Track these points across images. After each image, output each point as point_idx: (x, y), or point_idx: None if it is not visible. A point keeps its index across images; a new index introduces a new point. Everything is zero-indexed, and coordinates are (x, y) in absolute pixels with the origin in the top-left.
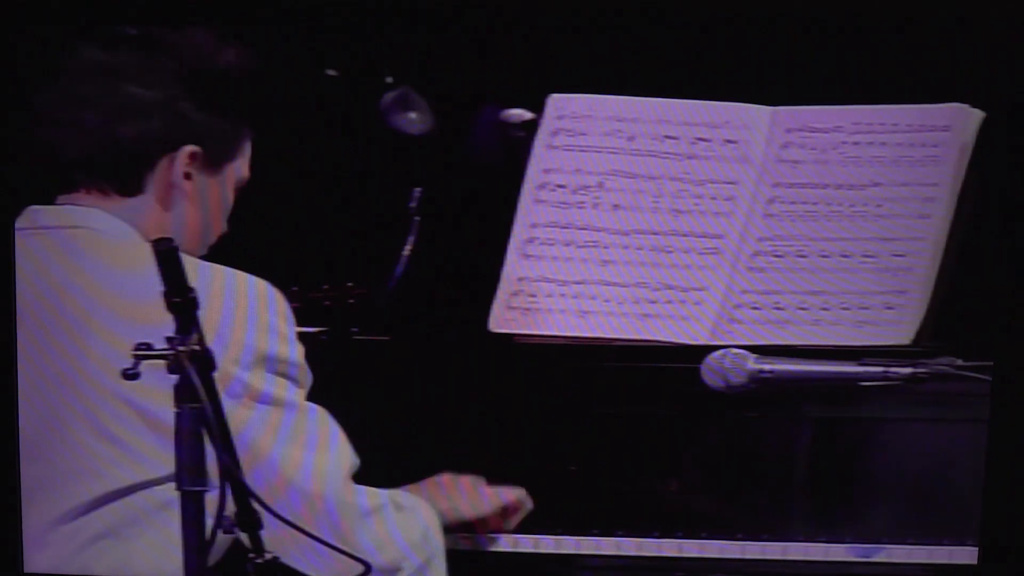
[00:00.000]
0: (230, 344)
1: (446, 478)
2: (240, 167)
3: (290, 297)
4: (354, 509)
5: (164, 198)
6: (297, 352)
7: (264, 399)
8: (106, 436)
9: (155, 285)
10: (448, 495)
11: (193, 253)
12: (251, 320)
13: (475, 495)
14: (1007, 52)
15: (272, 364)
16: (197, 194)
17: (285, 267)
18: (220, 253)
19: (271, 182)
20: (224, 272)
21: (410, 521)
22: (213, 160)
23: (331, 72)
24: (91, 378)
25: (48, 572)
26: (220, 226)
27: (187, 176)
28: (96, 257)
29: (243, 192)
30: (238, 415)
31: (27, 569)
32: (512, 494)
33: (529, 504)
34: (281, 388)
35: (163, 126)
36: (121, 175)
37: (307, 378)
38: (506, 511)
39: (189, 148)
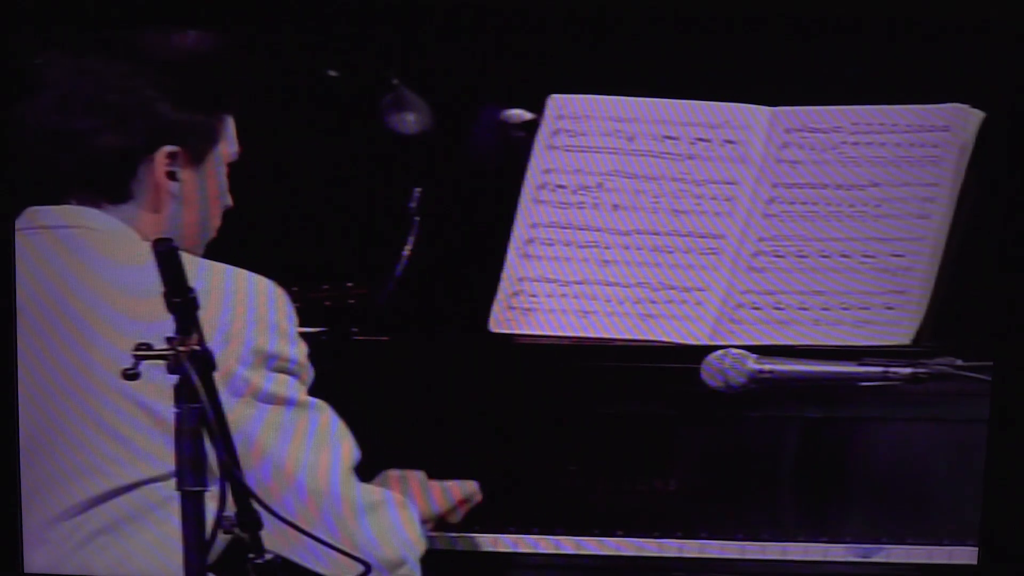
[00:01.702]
0: (233, 342)
1: (393, 473)
2: (224, 148)
3: (290, 297)
4: (355, 504)
5: (152, 201)
6: (299, 349)
7: (267, 397)
8: (109, 433)
9: (154, 281)
10: (402, 490)
11: (194, 248)
12: (253, 318)
13: (426, 490)
14: (1007, 52)
15: (274, 361)
16: (185, 191)
17: (285, 267)
18: (221, 253)
19: (272, 182)
20: (226, 270)
21: (412, 518)
22: (194, 155)
23: (332, 73)
24: (93, 376)
25: (48, 571)
26: (218, 216)
27: (171, 176)
28: (95, 255)
29: (244, 193)
30: (241, 412)
31: (27, 569)
32: (461, 489)
33: (478, 497)
34: (283, 385)
35: (136, 131)
36: (104, 185)
37: (309, 375)
38: (456, 505)
39: (166, 149)
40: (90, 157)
